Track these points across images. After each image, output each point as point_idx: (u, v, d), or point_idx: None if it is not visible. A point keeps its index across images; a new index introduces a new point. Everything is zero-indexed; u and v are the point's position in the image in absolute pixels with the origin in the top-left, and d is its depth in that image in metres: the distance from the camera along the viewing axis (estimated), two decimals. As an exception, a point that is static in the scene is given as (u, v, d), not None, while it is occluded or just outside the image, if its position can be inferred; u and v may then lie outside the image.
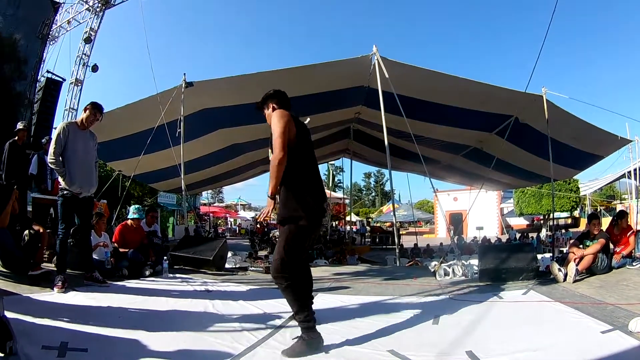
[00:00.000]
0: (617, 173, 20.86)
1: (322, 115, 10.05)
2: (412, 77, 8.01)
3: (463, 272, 5.65)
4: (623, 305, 3.51)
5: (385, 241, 23.32)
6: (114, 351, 2.44)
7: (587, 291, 4.26)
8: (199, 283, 4.99)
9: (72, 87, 15.75)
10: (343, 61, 7.71)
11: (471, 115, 9.07)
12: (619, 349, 2.47)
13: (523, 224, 33.46)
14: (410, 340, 2.75)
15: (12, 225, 4.45)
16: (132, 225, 5.99)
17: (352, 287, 5.01)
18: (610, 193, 31.46)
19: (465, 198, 23.45)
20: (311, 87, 8.30)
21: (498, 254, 5.40)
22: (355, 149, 15.13)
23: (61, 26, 15.59)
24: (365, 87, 8.62)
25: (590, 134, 9.07)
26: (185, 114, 8.06)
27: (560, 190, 26.50)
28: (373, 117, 9.80)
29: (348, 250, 14.65)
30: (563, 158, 9.82)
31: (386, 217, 37.33)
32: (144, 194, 21.34)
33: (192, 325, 3.00)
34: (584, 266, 4.98)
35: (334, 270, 6.81)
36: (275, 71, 7.66)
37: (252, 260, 7.75)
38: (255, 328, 3.02)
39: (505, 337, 2.81)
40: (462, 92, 8.23)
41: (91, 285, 4.37)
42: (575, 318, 3.23)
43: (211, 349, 2.54)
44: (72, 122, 4.43)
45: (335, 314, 3.53)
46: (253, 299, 3.91)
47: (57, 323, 2.87)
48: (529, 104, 8.09)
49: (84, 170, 4.29)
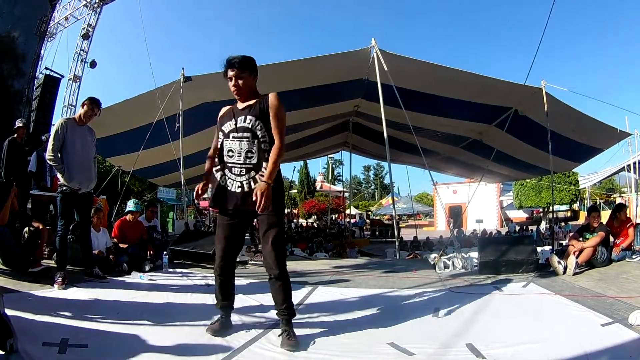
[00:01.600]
0: (617, 166, 20.82)
1: (321, 108, 10.02)
2: (411, 70, 7.97)
3: (463, 265, 5.65)
4: (623, 298, 3.52)
5: (385, 234, 23.44)
6: (114, 346, 2.44)
7: (587, 284, 4.27)
8: (199, 277, 5.00)
9: (70, 84, 15.71)
10: (342, 54, 7.67)
11: (470, 107, 9.05)
12: (618, 341, 2.48)
13: (522, 217, 33.49)
14: (410, 333, 2.76)
15: (11, 222, 4.44)
16: (130, 220, 5.99)
17: (352, 279, 5.02)
18: (610, 186, 31.42)
19: (465, 191, 23.45)
20: (310, 80, 8.26)
21: (498, 247, 5.40)
22: (355, 142, 15.10)
23: (59, 23, 15.51)
24: (364, 80, 8.58)
25: (589, 127, 9.06)
26: (184, 109, 8.01)
27: (559, 183, 26.50)
28: (372, 109, 9.78)
29: (348, 243, 14.69)
30: (562, 150, 9.82)
31: (385, 210, 37.38)
32: (144, 189, 21.32)
33: (192, 320, 3.00)
34: (584, 259, 4.98)
35: (334, 263, 6.82)
36: (274, 64, 7.61)
37: (252, 254, 7.75)
38: (255, 322, 3.02)
39: (506, 330, 2.82)
40: (461, 84, 8.19)
41: (91, 281, 4.37)
42: (575, 311, 3.23)
43: (211, 343, 2.55)
44: (70, 118, 4.41)
45: (335, 306, 3.54)
46: (253, 293, 3.92)
47: (57, 319, 2.87)
48: (529, 97, 8.08)
49: (82, 166, 4.27)
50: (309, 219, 33.66)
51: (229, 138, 2.64)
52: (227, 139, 2.64)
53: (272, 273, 2.60)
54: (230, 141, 2.63)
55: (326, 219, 29.14)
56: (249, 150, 2.58)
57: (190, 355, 2.37)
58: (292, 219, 27.26)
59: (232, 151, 2.61)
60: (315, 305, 3.60)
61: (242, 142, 2.59)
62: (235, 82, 2.64)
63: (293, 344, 2.47)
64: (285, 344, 2.48)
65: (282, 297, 2.62)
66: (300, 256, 9.40)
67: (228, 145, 2.64)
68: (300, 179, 40.08)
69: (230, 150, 2.62)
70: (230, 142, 2.63)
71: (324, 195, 36.94)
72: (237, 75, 2.64)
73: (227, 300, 2.83)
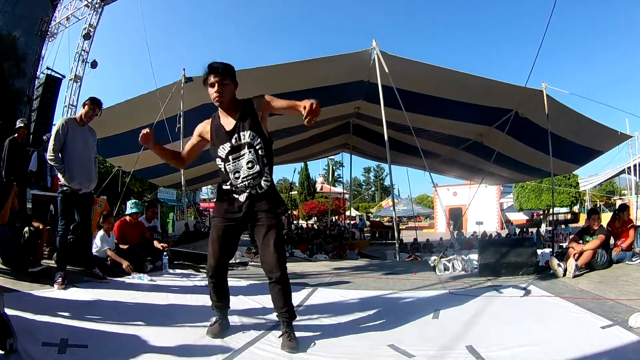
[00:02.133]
0: (617, 168, 20.87)
1: (322, 110, 9.93)
2: (412, 71, 7.97)
3: (463, 267, 5.65)
4: (623, 300, 3.51)
5: (385, 236, 23.38)
6: (114, 347, 2.44)
7: (587, 286, 4.26)
8: (199, 278, 4.99)
9: (71, 84, 15.69)
10: (343, 56, 7.67)
11: (471, 109, 9.04)
12: (618, 344, 2.48)
13: (523, 219, 33.50)
14: (410, 335, 2.76)
15: (11, 222, 4.45)
16: (130, 220, 5.99)
17: (352, 281, 5.02)
18: (610, 189, 31.45)
19: (465, 193, 23.46)
20: (311, 81, 8.26)
21: (498, 249, 5.39)
22: (355, 143, 15.10)
23: (60, 23, 15.49)
24: (365, 82, 8.59)
25: (590, 129, 9.05)
26: (185, 109, 8.02)
27: (560, 186, 26.51)
28: (373, 111, 9.77)
29: (348, 245, 14.69)
30: (563, 153, 9.81)
31: (386, 212, 37.34)
32: (144, 190, 21.34)
33: (192, 321, 3.00)
34: (584, 262, 4.98)
35: (334, 265, 6.81)
36: (275, 66, 7.62)
37: (252, 255, 7.74)
38: (255, 323, 3.02)
39: (506, 332, 2.81)
40: (462, 86, 8.19)
41: (91, 282, 4.37)
42: (575, 313, 3.23)
43: (211, 344, 2.55)
44: (71, 118, 4.41)
45: (335, 308, 3.54)
46: (253, 294, 3.92)
47: (57, 319, 2.87)
48: (529, 99, 8.07)
49: (83, 167, 4.28)
50: (309, 220, 33.69)
51: (229, 162, 2.64)
52: (228, 162, 2.64)
53: (273, 276, 2.57)
54: (232, 164, 2.64)
55: (326, 220, 29.14)
56: (250, 161, 2.60)
57: (191, 356, 2.37)
58: (292, 220, 27.27)
59: (237, 172, 2.63)
60: (315, 307, 3.60)
61: (242, 160, 2.61)
62: (218, 88, 2.58)
63: (293, 345, 2.47)
64: (286, 345, 2.48)
65: (283, 301, 2.60)
66: (301, 258, 9.39)
67: (231, 167, 2.64)
68: (301, 180, 40.13)
69: (237, 172, 2.63)
70: (232, 164, 2.64)
71: (324, 197, 36.98)
72: (221, 82, 2.58)
73: (222, 301, 2.82)
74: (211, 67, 2.58)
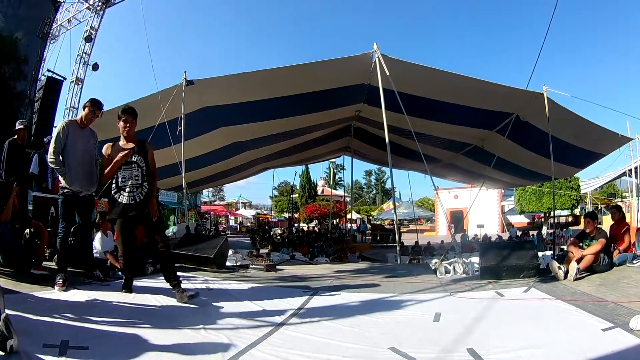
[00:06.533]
0: (618, 171, 20.83)
1: (323, 113, 10.03)
2: (413, 75, 7.99)
3: (464, 270, 5.65)
4: (624, 303, 3.51)
5: (386, 239, 23.38)
6: (115, 349, 2.44)
7: (588, 289, 4.26)
8: (200, 281, 5.00)
9: (72, 86, 15.77)
10: (344, 59, 7.68)
11: (472, 113, 9.05)
12: (619, 346, 2.48)
13: (524, 222, 33.46)
14: (411, 338, 2.76)
15: (12, 223, 4.45)
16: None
17: (353, 284, 5.02)
18: (611, 191, 31.38)
19: (466, 196, 23.40)
20: (312, 85, 8.28)
21: (499, 252, 5.39)
22: (356, 147, 15.10)
23: (61, 25, 15.58)
24: (366, 85, 8.60)
25: (591, 132, 9.04)
26: (186, 112, 8.03)
27: (561, 188, 26.46)
28: (374, 114, 9.78)
29: (349, 248, 14.68)
30: (564, 156, 9.79)
31: (387, 215, 37.31)
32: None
33: (193, 323, 2.99)
34: (585, 265, 4.95)
35: (335, 268, 6.82)
36: (276, 69, 7.64)
37: (253, 258, 7.75)
38: (255, 325, 3.02)
39: (507, 335, 2.81)
40: (462, 89, 8.20)
41: (92, 284, 4.37)
42: (576, 316, 3.23)
43: (212, 347, 2.54)
44: (71, 121, 4.41)
45: (336, 311, 3.54)
46: (254, 297, 3.92)
47: (58, 321, 2.86)
48: (530, 102, 8.07)
49: (84, 169, 4.28)
50: (310, 223, 33.67)
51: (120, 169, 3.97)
52: (119, 170, 3.97)
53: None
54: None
55: (327, 223, 29.13)
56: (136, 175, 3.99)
57: (191, 356, 2.37)
58: (294, 223, 27.27)
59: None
60: (316, 310, 3.61)
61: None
62: (129, 125, 4.13)
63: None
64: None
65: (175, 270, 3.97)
66: (302, 260, 9.39)
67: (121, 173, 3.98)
68: (302, 183, 40.11)
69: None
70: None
71: (325, 200, 36.98)
72: (131, 120, 4.13)
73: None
74: (124, 109, 4.09)
